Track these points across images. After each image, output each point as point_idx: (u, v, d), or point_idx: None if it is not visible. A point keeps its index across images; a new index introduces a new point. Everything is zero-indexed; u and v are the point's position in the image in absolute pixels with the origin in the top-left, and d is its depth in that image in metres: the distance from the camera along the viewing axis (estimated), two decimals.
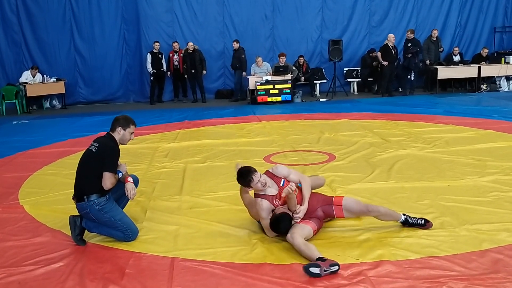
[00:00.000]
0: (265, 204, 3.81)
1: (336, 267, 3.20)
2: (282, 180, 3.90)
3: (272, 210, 3.82)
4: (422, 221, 3.88)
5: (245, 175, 3.82)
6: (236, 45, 13.35)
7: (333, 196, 4.01)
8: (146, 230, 4.12)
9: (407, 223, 3.90)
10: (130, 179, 4.01)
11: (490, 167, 5.60)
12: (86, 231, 3.96)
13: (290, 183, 3.74)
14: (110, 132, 4.04)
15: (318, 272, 3.15)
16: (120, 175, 3.98)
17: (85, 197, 3.83)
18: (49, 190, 5.43)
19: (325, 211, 3.89)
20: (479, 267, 3.23)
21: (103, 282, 3.25)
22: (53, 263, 3.54)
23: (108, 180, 3.81)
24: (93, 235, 3.99)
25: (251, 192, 4.03)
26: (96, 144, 3.95)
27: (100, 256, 3.66)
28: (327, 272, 3.16)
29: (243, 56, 13.34)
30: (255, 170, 3.84)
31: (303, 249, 3.44)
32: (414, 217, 3.92)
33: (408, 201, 4.57)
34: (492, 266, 3.24)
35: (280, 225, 3.67)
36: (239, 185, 4.00)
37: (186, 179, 5.67)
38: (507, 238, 3.67)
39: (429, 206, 4.42)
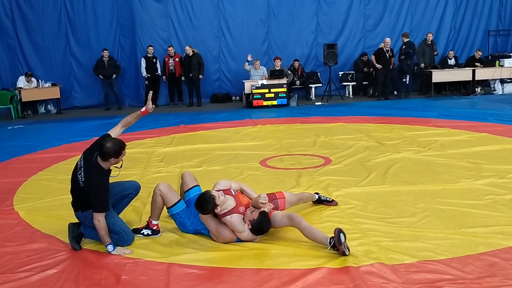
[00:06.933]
0: (236, 218, 3.77)
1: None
2: (231, 190, 4.01)
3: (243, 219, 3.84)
4: (330, 199, 4.63)
5: (207, 200, 3.69)
6: (106, 54, 13.40)
7: (275, 192, 4.31)
8: (141, 235, 4.10)
9: (319, 200, 4.58)
10: (143, 109, 4.17)
11: (485, 170, 5.61)
12: (83, 238, 3.96)
13: (261, 195, 3.84)
14: (101, 160, 3.72)
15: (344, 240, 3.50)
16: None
17: (79, 210, 3.87)
18: (44, 195, 5.40)
19: (274, 205, 4.10)
20: (475, 270, 3.24)
21: None
22: (48, 269, 3.52)
23: (96, 219, 3.67)
24: (89, 240, 3.98)
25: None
26: (83, 177, 3.72)
27: (96, 262, 3.64)
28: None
29: (117, 64, 13.59)
30: (209, 191, 3.77)
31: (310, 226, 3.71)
32: (323, 196, 4.67)
33: (404, 205, 4.58)
34: (488, 270, 3.24)
35: (264, 226, 3.77)
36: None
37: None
38: (502, 242, 3.67)
39: (425, 209, 4.42)
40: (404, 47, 13.39)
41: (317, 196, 4.59)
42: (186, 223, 4.05)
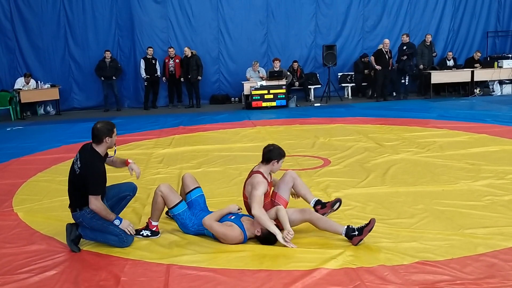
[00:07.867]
0: (265, 183, 3.94)
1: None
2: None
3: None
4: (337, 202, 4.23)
5: (280, 149, 4.23)
6: (108, 55, 13.46)
7: (270, 197, 4.24)
8: (141, 236, 4.10)
9: (319, 203, 4.15)
10: (130, 160, 4.18)
11: (484, 171, 5.62)
12: (81, 239, 3.96)
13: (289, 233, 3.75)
14: (96, 145, 3.87)
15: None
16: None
17: (77, 209, 3.88)
18: (43, 197, 5.40)
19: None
20: (474, 271, 3.24)
21: None
22: (47, 271, 3.52)
23: (92, 203, 3.75)
24: (88, 242, 3.98)
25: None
26: (79, 164, 3.82)
27: (95, 263, 3.64)
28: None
29: (119, 65, 13.68)
30: None
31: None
32: (325, 202, 4.19)
33: (403, 206, 4.59)
34: (487, 271, 3.25)
35: (272, 238, 3.78)
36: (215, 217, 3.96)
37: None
38: (501, 242, 3.68)
39: (424, 210, 4.43)
40: (405, 47, 13.41)
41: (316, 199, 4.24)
42: (188, 224, 4.05)
